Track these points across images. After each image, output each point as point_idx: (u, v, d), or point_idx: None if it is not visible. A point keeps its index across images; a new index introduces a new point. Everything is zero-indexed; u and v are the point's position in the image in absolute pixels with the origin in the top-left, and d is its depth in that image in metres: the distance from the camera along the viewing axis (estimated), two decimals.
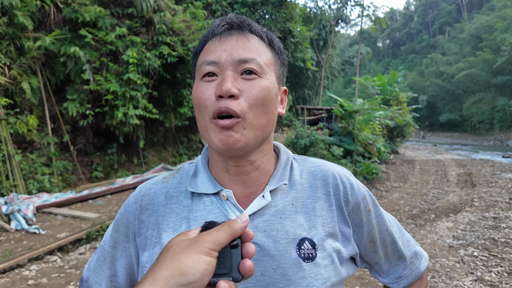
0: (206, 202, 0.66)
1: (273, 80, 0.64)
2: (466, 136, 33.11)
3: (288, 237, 0.62)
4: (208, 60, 0.61)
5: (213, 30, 0.64)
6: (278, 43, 0.68)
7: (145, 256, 0.66)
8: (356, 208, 0.69)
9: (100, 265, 0.73)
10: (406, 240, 0.78)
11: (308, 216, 0.65)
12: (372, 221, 0.71)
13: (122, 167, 8.22)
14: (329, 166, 0.72)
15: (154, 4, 7.52)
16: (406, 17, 71.20)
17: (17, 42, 6.29)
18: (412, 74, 47.03)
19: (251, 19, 0.66)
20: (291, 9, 14.16)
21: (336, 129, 10.25)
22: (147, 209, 0.68)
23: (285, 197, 0.66)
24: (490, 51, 32.95)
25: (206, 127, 0.61)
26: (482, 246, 4.20)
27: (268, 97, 0.61)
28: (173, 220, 0.66)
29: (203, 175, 0.69)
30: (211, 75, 0.61)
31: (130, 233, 0.69)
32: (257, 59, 0.61)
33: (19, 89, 6.27)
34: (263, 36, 0.65)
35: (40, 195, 5.80)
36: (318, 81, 24.23)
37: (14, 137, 6.28)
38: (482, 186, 7.92)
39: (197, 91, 0.62)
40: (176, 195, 0.69)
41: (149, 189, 0.70)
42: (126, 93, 6.98)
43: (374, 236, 0.71)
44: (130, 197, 0.71)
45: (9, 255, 3.79)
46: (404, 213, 5.82)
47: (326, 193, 0.68)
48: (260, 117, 0.60)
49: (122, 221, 0.70)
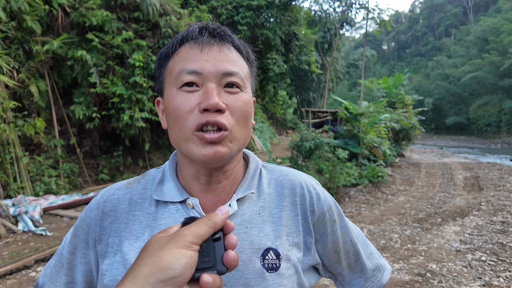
0: (172, 210, 0.64)
1: (251, 93, 0.64)
2: (473, 139, 32.77)
3: (253, 247, 0.62)
4: (189, 69, 0.58)
5: (192, 35, 0.61)
6: (252, 56, 0.67)
7: (105, 264, 0.63)
8: (321, 218, 0.68)
9: (57, 271, 0.70)
10: (369, 252, 0.78)
11: (274, 226, 0.65)
12: (336, 232, 0.71)
13: (127, 170, 8.27)
14: (297, 175, 0.71)
15: (160, 8, 7.59)
16: (412, 20, 70.92)
17: (26, 46, 6.39)
18: (418, 77, 46.75)
19: (230, 30, 0.65)
20: (296, 12, 14.19)
21: (341, 132, 10.21)
22: (109, 215, 0.65)
23: (252, 206, 0.65)
24: (497, 54, 32.66)
25: (185, 138, 0.58)
26: (490, 250, 4.15)
27: (249, 111, 0.62)
28: (136, 228, 0.64)
29: (170, 182, 0.66)
30: (191, 85, 0.58)
31: (91, 239, 0.66)
32: (240, 73, 0.60)
33: (27, 92, 6.35)
34: (242, 49, 0.64)
35: (47, 197, 5.86)
36: (323, 84, 24.21)
37: (22, 140, 6.36)
38: (489, 189, 7.83)
39: (176, 101, 0.58)
40: (141, 202, 0.66)
41: (112, 194, 0.67)
42: (132, 96, 7.04)
43: (338, 247, 0.71)
44: (92, 202, 0.68)
45: (16, 257, 3.83)
46: (410, 216, 5.77)
47: (293, 202, 0.67)
48: (243, 130, 0.60)
49: (82, 227, 0.67)
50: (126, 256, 0.61)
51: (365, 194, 7.40)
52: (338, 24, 19.79)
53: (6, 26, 5.92)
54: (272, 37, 12.94)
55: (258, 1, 12.48)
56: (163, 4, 7.73)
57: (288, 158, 8.10)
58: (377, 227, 5.22)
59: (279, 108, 20.67)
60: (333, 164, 7.34)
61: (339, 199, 7.10)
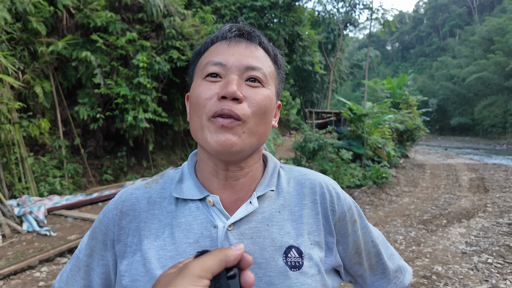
0: (192, 207, 0.64)
1: (274, 92, 0.65)
2: (478, 140, 32.52)
3: (275, 245, 0.61)
4: (215, 60, 0.61)
5: (222, 34, 0.64)
6: (281, 60, 0.69)
7: (124, 264, 0.63)
8: (342, 218, 0.68)
9: (73, 275, 0.69)
10: (390, 253, 0.78)
11: (295, 224, 0.64)
12: (357, 232, 0.70)
13: (131, 170, 8.29)
14: (316, 175, 0.72)
15: (164, 9, 7.61)
16: (416, 20, 70.60)
17: (31, 47, 6.43)
18: (422, 78, 46.51)
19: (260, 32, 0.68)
20: (300, 13, 14.17)
21: (345, 133, 10.17)
22: (128, 215, 0.65)
23: (273, 204, 0.65)
24: (502, 54, 32.40)
25: (201, 126, 0.59)
26: (497, 253, 4.10)
27: (269, 107, 0.62)
28: (155, 227, 0.64)
29: (189, 181, 0.67)
30: (215, 76, 0.60)
31: (109, 240, 0.65)
32: (263, 69, 0.62)
33: (32, 93, 6.39)
34: (269, 49, 0.66)
35: (51, 197, 5.88)
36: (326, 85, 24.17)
37: (27, 140, 6.40)
38: (495, 191, 7.75)
39: (198, 89, 0.61)
40: (160, 201, 0.66)
41: (131, 194, 0.68)
42: (136, 97, 7.06)
43: (359, 247, 0.71)
44: (110, 202, 0.69)
45: (21, 257, 3.85)
46: (415, 218, 5.73)
47: (313, 201, 0.67)
48: (260, 125, 0.60)
49: (100, 228, 0.67)
50: (146, 255, 0.61)
51: (369, 195, 7.36)
52: (341, 25, 19.73)
53: (12, 27, 5.96)
54: (275, 37, 12.93)
55: (261, 1, 12.48)
56: (167, 5, 7.75)
57: (292, 159, 8.08)
58: (382, 228, 5.18)
59: (282, 108, 20.67)
60: (337, 165, 7.31)
61: None
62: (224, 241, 0.60)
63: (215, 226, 0.61)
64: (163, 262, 0.60)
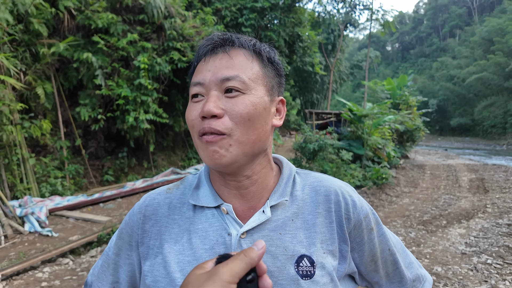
0: (208, 214, 0.66)
1: (261, 94, 0.62)
2: (478, 140, 32.51)
3: (287, 254, 0.62)
4: (195, 81, 0.63)
5: (201, 49, 0.65)
6: (268, 53, 0.66)
7: (147, 265, 0.66)
8: (357, 226, 0.67)
9: (103, 271, 0.74)
10: (408, 262, 0.76)
11: (308, 233, 0.65)
12: (374, 240, 0.70)
13: (132, 171, 8.31)
14: (332, 181, 0.71)
15: (164, 10, 7.64)
16: (416, 21, 70.61)
17: (32, 48, 6.46)
18: (422, 78, 46.51)
19: (238, 34, 0.65)
20: (300, 14, 14.20)
21: (345, 134, 10.19)
22: (150, 219, 0.69)
23: (286, 212, 0.66)
24: (502, 54, 32.40)
25: (196, 145, 0.63)
26: (496, 253, 4.12)
27: (254, 113, 0.60)
28: (175, 231, 0.67)
29: (205, 187, 0.69)
30: (197, 96, 0.62)
31: (133, 241, 0.70)
32: (240, 76, 0.60)
33: (33, 94, 6.42)
34: (249, 49, 0.64)
35: (53, 198, 5.91)
36: (326, 85, 24.18)
37: (28, 141, 6.43)
38: (495, 192, 7.76)
39: (187, 112, 0.64)
40: (179, 206, 0.69)
41: (153, 199, 0.71)
42: (137, 98, 7.08)
43: (375, 255, 0.70)
44: (135, 206, 0.72)
45: (23, 257, 3.87)
46: (414, 218, 5.75)
47: (327, 209, 0.67)
48: (249, 133, 0.60)
49: (126, 230, 0.71)
50: (166, 258, 0.64)
51: (369, 196, 7.37)
52: (342, 26, 19.76)
53: (14, 29, 5.99)
54: (276, 38, 12.95)
55: (262, 3, 12.50)
56: (167, 7, 7.78)
57: (292, 160, 8.09)
58: None
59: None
60: (337, 165, 7.33)
61: None
62: (238, 249, 0.62)
63: (229, 234, 0.63)
64: (181, 266, 0.63)
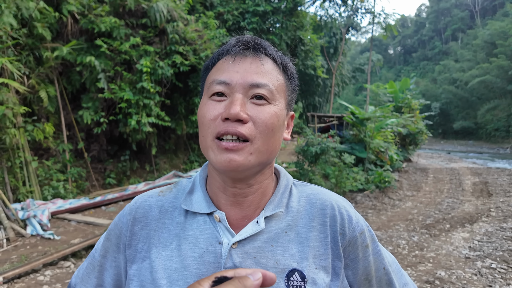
0: (200, 221, 0.64)
1: (283, 107, 0.62)
2: (481, 143, 32.35)
3: (277, 267, 0.60)
4: (219, 79, 0.59)
5: (228, 48, 0.62)
6: (292, 69, 0.66)
7: (133, 269, 0.64)
8: (352, 242, 0.66)
9: (88, 273, 0.71)
10: (404, 282, 0.74)
11: (301, 247, 0.63)
12: (369, 258, 0.67)
13: (134, 174, 8.32)
14: (329, 195, 0.69)
15: (167, 14, 7.68)
16: (418, 24, 70.62)
17: (36, 52, 6.51)
18: (425, 81, 46.42)
19: (267, 42, 0.65)
20: (302, 18, 14.24)
21: (347, 137, 10.16)
22: (140, 221, 0.67)
23: (279, 224, 0.64)
24: (505, 58, 32.31)
25: (206, 146, 0.59)
26: (501, 258, 4.08)
27: (277, 124, 0.60)
28: (164, 236, 0.64)
29: (199, 193, 0.67)
30: (220, 95, 0.59)
31: (121, 244, 0.67)
32: (269, 85, 0.59)
33: (37, 98, 6.46)
34: (278, 60, 0.63)
35: (55, 201, 5.91)
36: (328, 89, 24.18)
37: (31, 144, 6.45)
38: (499, 195, 7.71)
39: (204, 109, 0.60)
40: (171, 210, 0.67)
41: (145, 201, 0.69)
42: (140, 101, 7.11)
43: (369, 274, 0.68)
44: (126, 207, 0.70)
45: (25, 260, 3.87)
46: (417, 222, 5.71)
47: (322, 223, 0.65)
48: (269, 143, 0.59)
49: (114, 231, 0.69)
50: (153, 264, 0.62)
51: (372, 199, 7.34)
52: (344, 29, 19.80)
53: (17, 33, 6.04)
54: (278, 42, 12.99)
55: (264, 7, 12.56)
56: (170, 11, 7.83)
57: (294, 163, 8.08)
58: (384, 233, 5.17)
59: None
60: (339, 169, 7.30)
61: None
62: (228, 259, 0.60)
63: (220, 243, 0.61)
64: (168, 273, 0.61)
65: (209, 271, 0.60)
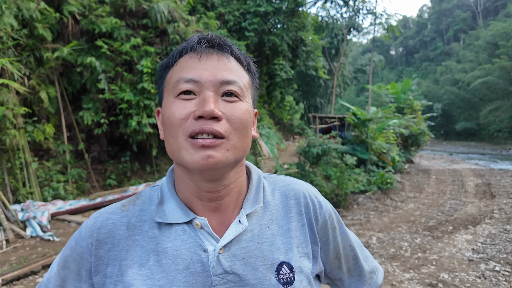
0: (178, 231, 0.60)
1: (251, 103, 0.63)
2: (483, 145, 32.21)
3: (266, 263, 0.61)
4: (187, 77, 0.57)
5: (192, 46, 0.60)
6: (254, 67, 0.67)
7: None
8: (324, 226, 0.69)
9: None
10: (365, 255, 0.80)
11: (284, 238, 0.64)
12: (337, 238, 0.72)
13: (135, 175, 8.30)
14: (299, 184, 0.72)
15: (168, 15, 7.67)
16: (420, 25, 70.53)
17: (37, 53, 6.50)
18: (426, 82, 46.32)
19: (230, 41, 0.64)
20: (303, 18, 14.23)
21: (349, 138, 10.13)
22: (106, 243, 0.60)
23: (261, 220, 0.64)
24: (507, 58, 32.21)
25: (178, 147, 0.56)
26: (504, 260, 4.02)
27: (249, 120, 0.60)
28: (138, 254, 0.59)
29: (171, 202, 0.62)
30: (188, 94, 0.57)
31: (84, 271, 0.60)
32: (239, 82, 0.59)
33: (37, 98, 6.45)
34: (242, 59, 0.63)
35: (55, 202, 5.90)
36: (330, 89, 24.16)
37: (31, 145, 6.44)
38: (502, 197, 7.64)
39: (172, 109, 0.57)
40: (140, 225, 0.62)
41: (106, 219, 0.62)
42: (140, 102, 7.09)
43: (339, 253, 0.72)
44: (82, 228, 0.62)
45: (24, 262, 3.84)
46: (420, 224, 5.66)
47: (299, 212, 0.67)
48: (243, 140, 0.59)
49: (73, 257, 0.61)
50: (131, 287, 0.57)
51: (374, 201, 7.29)
52: (345, 30, 19.77)
53: (18, 33, 6.03)
54: (279, 43, 12.97)
55: (265, 7, 12.55)
56: (171, 11, 7.81)
57: (295, 164, 8.04)
58: (387, 235, 5.12)
59: (286, 113, 20.65)
60: (341, 170, 7.26)
61: (347, 206, 7.01)
62: (217, 265, 0.58)
63: (205, 250, 0.59)
64: None
65: (199, 282, 0.57)
